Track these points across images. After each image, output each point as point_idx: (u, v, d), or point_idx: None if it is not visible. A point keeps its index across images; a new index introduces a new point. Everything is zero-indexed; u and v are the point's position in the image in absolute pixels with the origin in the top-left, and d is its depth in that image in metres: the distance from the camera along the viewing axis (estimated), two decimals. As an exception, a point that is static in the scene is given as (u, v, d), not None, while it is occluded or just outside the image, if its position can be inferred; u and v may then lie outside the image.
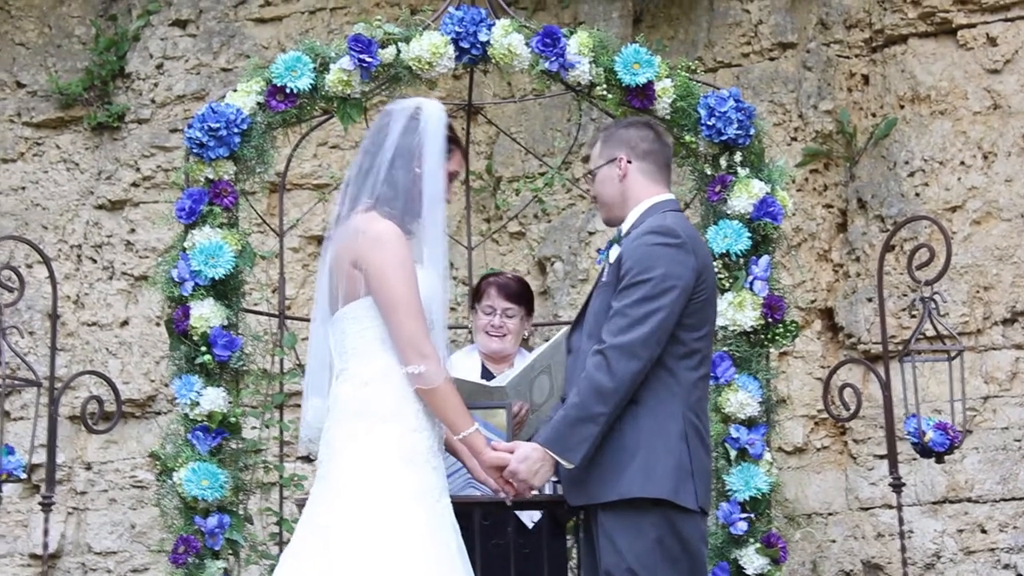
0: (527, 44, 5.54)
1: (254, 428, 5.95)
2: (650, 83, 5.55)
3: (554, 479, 4.77)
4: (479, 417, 4.87)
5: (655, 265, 4.43)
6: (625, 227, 4.65)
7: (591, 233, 8.09)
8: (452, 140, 4.67)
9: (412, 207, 4.52)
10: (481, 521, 5.01)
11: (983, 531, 7.32)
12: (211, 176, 5.48)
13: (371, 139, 4.63)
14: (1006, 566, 7.24)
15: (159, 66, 8.63)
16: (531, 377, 5.19)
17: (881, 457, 7.36)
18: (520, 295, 5.89)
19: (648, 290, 4.41)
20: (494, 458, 4.48)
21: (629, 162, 4.69)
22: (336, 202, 4.68)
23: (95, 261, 8.53)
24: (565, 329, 5.13)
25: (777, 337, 5.49)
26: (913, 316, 6.13)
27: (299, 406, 4.87)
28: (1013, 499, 7.30)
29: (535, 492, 4.68)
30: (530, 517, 5.56)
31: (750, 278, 5.46)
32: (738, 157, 5.56)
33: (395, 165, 4.54)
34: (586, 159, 5.04)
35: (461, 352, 5.95)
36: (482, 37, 5.53)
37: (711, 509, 4.95)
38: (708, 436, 4.59)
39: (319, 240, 8.28)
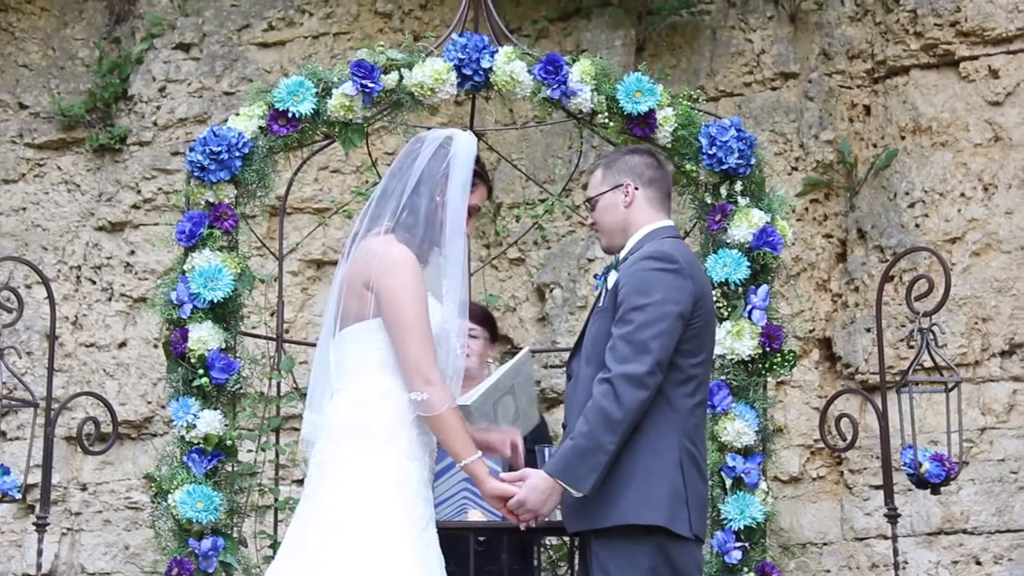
0: (529, 71, 5.54)
1: (250, 451, 5.94)
2: (652, 111, 5.55)
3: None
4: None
5: (652, 290, 4.42)
6: (623, 253, 4.65)
7: (590, 260, 8.09)
8: (478, 174, 4.65)
9: (431, 235, 4.52)
10: (475, 547, 5.01)
11: (978, 563, 7.30)
12: (212, 199, 5.47)
13: (399, 163, 4.63)
14: (1001, 599, 7.24)
15: (162, 89, 8.65)
16: (495, 397, 5.15)
17: (877, 487, 7.35)
18: (484, 317, 6.00)
19: (647, 316, 4.40)
20: (497, 488, 4.46)
21: (636, 188, 4.70)
22: (356, 220, 4.68)
23: (94, 282, 8.53)
24: (526, 350, 5.11)
25: (775, 366, 5.48)
26: (911, 347, 6.13)
27: (296, 429, 4.85)
28: (1008, 531, 7.28)
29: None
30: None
31: (749, 307, 5.45)
32: (738, 186, 5.55)
33: (418, 191, 4.54)
34: (586, 186, 5.04)
35: None
36: (485, 64, 5.54)
37: (706, 538, 4.94)
38: (704, 463, 4.57)
39: (318, 264, 8.29)
